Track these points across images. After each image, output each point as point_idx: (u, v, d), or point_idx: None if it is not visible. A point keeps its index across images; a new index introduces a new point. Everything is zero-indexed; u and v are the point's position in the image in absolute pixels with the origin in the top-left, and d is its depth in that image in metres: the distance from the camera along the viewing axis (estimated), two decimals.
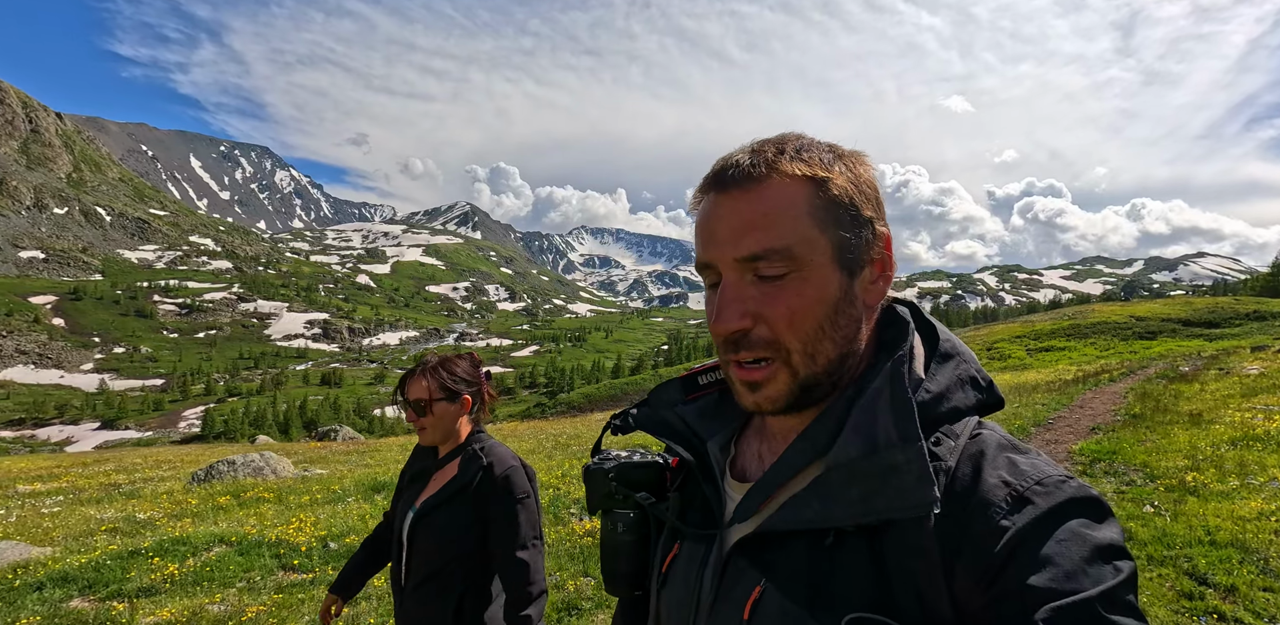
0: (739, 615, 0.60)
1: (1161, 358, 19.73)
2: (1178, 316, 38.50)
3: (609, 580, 0.79)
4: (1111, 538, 0.51)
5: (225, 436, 71.24)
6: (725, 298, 0.59)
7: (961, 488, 0.55)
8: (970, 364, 0.64)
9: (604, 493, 0.77)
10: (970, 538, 0.52)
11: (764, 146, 0.61)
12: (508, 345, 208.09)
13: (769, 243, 0.58)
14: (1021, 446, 0.59)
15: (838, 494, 0.56)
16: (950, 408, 0.60)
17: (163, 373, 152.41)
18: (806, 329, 0.59)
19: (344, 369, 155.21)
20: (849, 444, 0.57)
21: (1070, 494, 0.53)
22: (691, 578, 0.67)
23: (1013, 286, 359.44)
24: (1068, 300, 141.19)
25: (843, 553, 0.56)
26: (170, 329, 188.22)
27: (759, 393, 0.61)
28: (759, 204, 0.58)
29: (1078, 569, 0.48)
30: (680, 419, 0.74)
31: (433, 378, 1.73)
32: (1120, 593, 0.48)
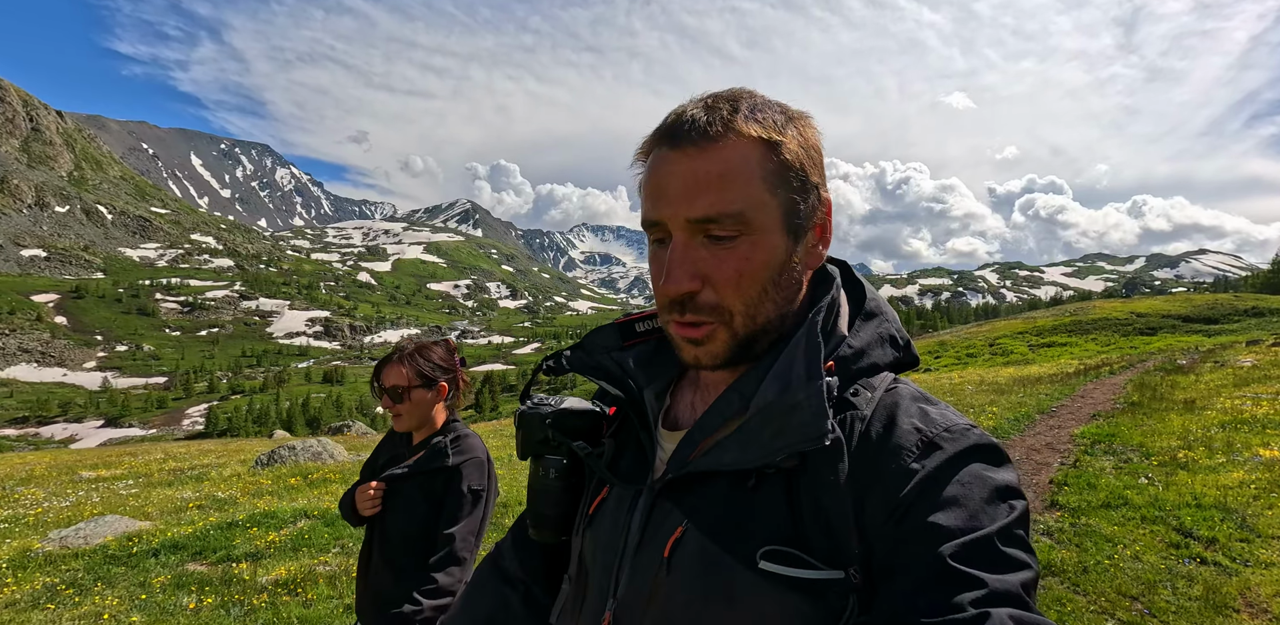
0: (660, 553, 0.62)
1: (1160, 352, 20.24)
2: (1178, 313, 38.82)
3: (536, 524, 0.79)
4: (1008, 480, 0.56)
5: (230, 433, 71.75)
6: (674, 258, 0.60)
7: (876, 434, 0.58)
8: (892, 323, 0.67)
9: (539, 438, 0.77)
10: (881, 478, 0.56)
11: (718, 102, 0.60)
12: (509, 343, 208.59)
13: (723, 206, 0.58)
14: (932, 399, 0.63)
15: (755, 436, 0.59)
16: (869, 363, 0.64)
17: (165, 371, 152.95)
18: (751, 292, 0.60)
19: (346, 367, 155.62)
20: (768, 388, 0.60)
21: (974, 441, 0.57)
22: (620, 521, 0.69)
23: (1014, 284, 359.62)
24: (1069, 297, 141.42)
25: (761, 493, 0.59)
26: (173, 327, 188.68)
27: (699, 348, 0.62)
28: (714, 164, 0.58)
29: (979, 508, 0.53)
30: (617, 364, 0.74)
31: (409, 364, 1.72)
32: (1014, 528, 0.53)
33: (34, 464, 14.29)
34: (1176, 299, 48.84)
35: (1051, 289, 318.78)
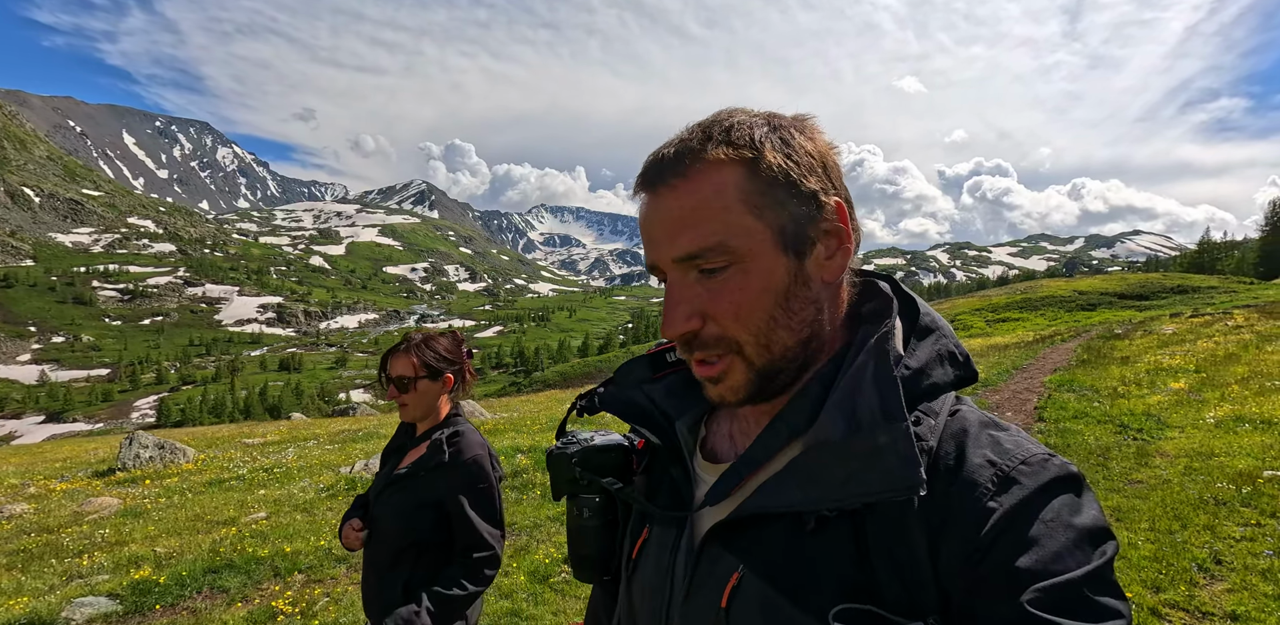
0: (716, 602, 0.58)
1: (1101, 324, 23.10)
2: (1114, 291, 42.65)
3: (576, 566, 0.78)
4: (1095, 518, 0.51)
5: (185, 424, 69.56)
6: (671, 301, 0.58)
7: (945, 468, 0.54)
8: (949, 339, 0.62)
9: (568, 478, 0.75)
10: (956, 519, 0.51)
11: (691, 134, 0.58)
12: (471, 326, 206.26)
13: (701, 240, 0.56)
14: (1001, 423, 0.58)
15: (818, 476, 0.54)
16: (930, 384, 0.58)
17: (108, 362, 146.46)
18: (755, 321, 0.57)
19: (303, 354, 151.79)
20: (830, 424, 0.55)
21: (1055, 473, 0.52)
22: (664, 563, 0.65)
23: (963, 263, 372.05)
24: (1014, 276, 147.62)
25: (824, 537, 0.54)
26: (112, 316, 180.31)
27: (719, 386, 0.60)
28: (686, 199, 0.56)
29: (1063, 550, 0.48)
30: (648, 398, 0.72)
31: (417, 355, 1.75)
32: (1104, 573, 0.48)
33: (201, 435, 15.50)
34: (1113, 278, 52.98)
35: (999, 268, 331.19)
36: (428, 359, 1.75)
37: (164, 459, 10.00)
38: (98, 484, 9.07)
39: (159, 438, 10.76)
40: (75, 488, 8.92)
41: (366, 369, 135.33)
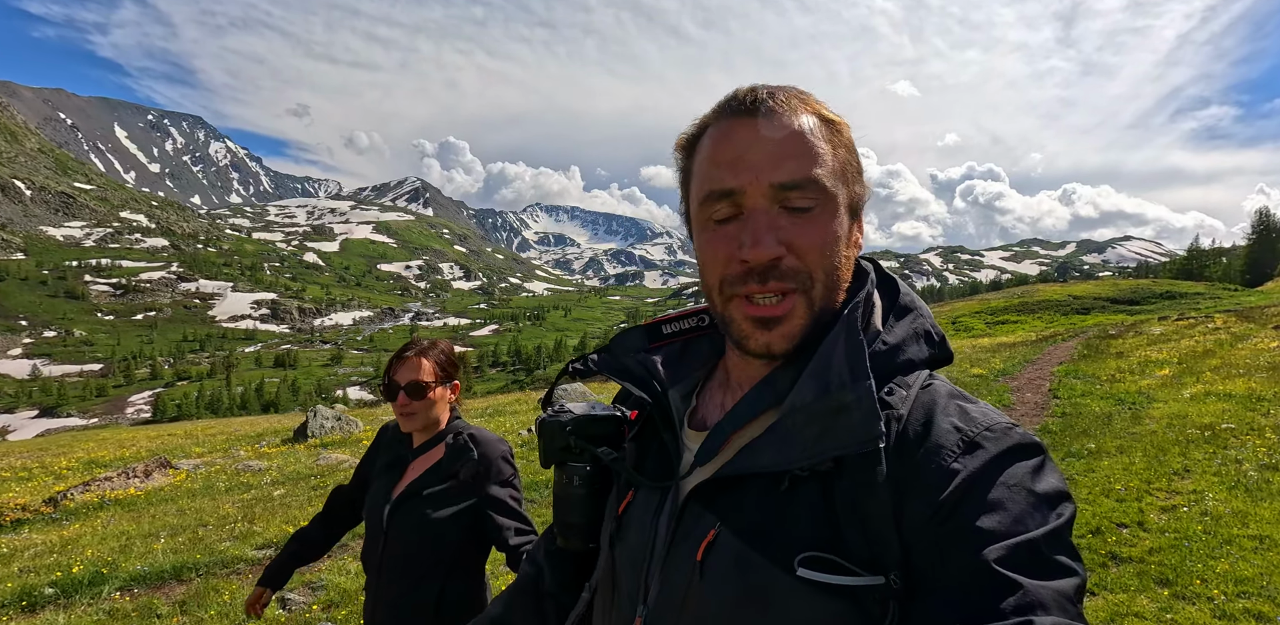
0: (692, 558, 0.61)
1: (1095, 326, 24.90)
2: (1107, 295, 44.49)
3: (563, 532, 0.79)
4: (1054, 483, 0.54)
5: (180, 420, 69.76)
6: (760, 224, 0.58)
7: (914, 433, 0.57)
8: (926, 319, 0.65)
9: (561, 446, 0.75)
10: (921, 480, 0.54)
11: (776, 88, 0.61)
12: (466, 324, 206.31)
13: (808, 171, 0.58)
14: (970, 397, 0.61)
15: (793, 437, 0.57)
16: (905, 359, 0.62)
17: (100, 357, 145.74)
18: (832, 262, 0.60)
19: (298, 350, 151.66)
20: (804, 388, 0.58)
21: (1017, 440, 0.55)
22: (647, 524, 0.68)
23: (956, 267, 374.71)
24: (1007, 280, 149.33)
25: (795, 495, 0.57)
26: (105, 311, 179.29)
27: (775, 330, 0.60)
28: (795, 132, 0.58)
29: (1024, 512, 0.51)
30: (642, 366, 0.74)
31: (431, 359, 1.67)
32: (1062, 532, 0.51)
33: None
34: (1105, 284, 55.19)
35: (991, 272, 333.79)
36: (441, 364, 1.68)
37: (341, 428, 12.18)
38: (301, 447, 10.96)
39: (336, 411, 13.14)
40: (284, 451, 10.91)
41: (362, 366, 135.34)
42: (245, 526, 5.53)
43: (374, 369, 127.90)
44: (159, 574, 4.38)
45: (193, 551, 4.83)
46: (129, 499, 7.57)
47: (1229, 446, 5.61)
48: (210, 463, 10.35)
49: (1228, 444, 5.67)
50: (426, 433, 1.70)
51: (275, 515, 5.95)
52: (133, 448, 14.64)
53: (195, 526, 5.73)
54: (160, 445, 14.86)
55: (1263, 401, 7.20)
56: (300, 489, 7.41)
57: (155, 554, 4.82)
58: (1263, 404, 7.10)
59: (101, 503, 7.34)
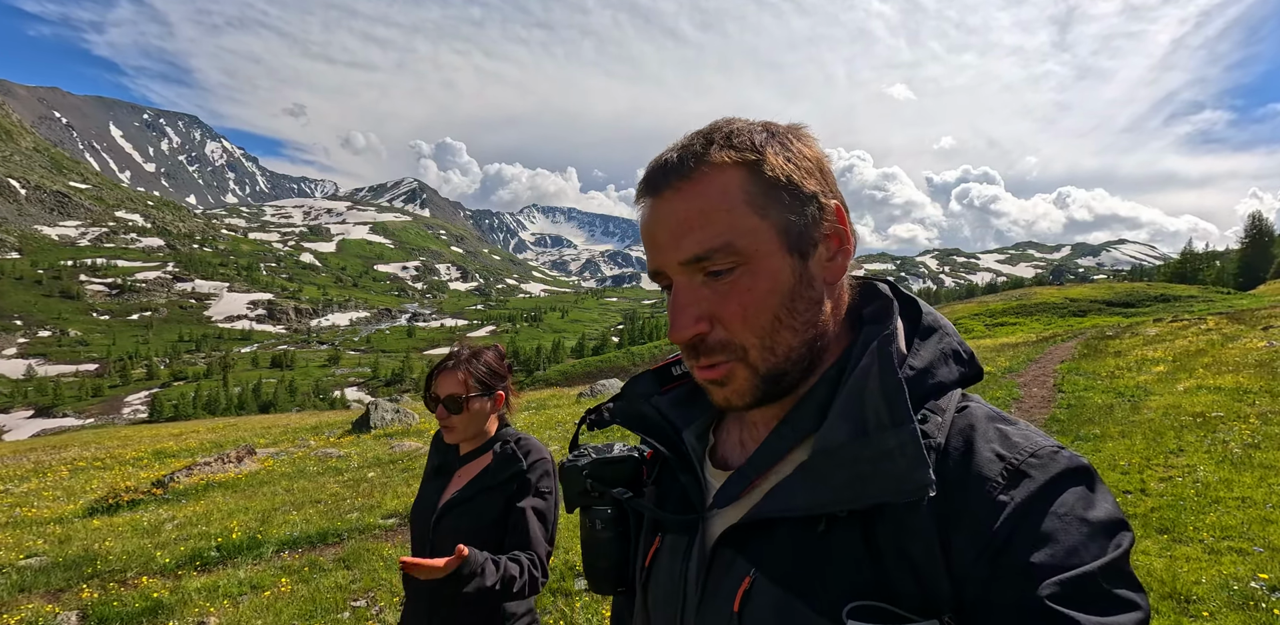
0: (729, 608, 0.58)
1: (1093, 328, 25.59)
2: (1103, 298, 45.52)
3: (592, 578, 0.78)
4: (1109, 511, 0.50)
5: (176, 420, 69.98)
6: (677, 303, 0.58)
7: (954, 464, 0.53)
8: (952, 337, 0.63)
9: (579, 490, 0.76)
10: (967, 514, 0.51)
11: (692, 140, 0.59)
12: (462, 326, 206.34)
13: (708, 241, 0.56)
14: (1009, 417, 0.58)
15: (827, 479, 0.54)
16: (935, 383, 0.59)
17: (96, 357, 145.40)
18: (762, 322, 0.57)
19: (295, 351, 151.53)
20: (836, 427, 0.55)
21: (1065, 465, 0.52)
22: (676, 571, 0.65)
23: (952, 269, 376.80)
24: (1003, 283, 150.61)
25: (834, 538, 0.54)
26: (100, 311, 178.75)
27: (725, 389, 0.60)
28: (692, 201, 0.56)
29: (1078, 543, 0.48)
30: (656, 410, 0.72)
31: (469, 371, 1.64)
32: (1120, 564, 0.48)
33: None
34: (1101, 287, 55.86)
35: (987, 275, 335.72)
36: (480, 375, 1.64)
37: (401, 420, 13.10)
38: (368, 437, 11.80)
39: (394, 405, 13.94)
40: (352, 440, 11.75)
41: (359, 367, 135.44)
42: (363, 500, 6.19)
43: (371, 370, 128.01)
44: (306, 539, 5.03)
45: (327, 521, 5.49)
46: (230, 481, 8.24)
47: (1218, 430, 6.34)
48: (288, 451, 11.05)
49: (1217, 428, 6.42)
50: (474, 442, 1.68)
51: (384, 492, 6.60)
52: (193, 440, 15.39)
53: (310, 503, 6.40)
54: (219, 437, 15.58)
55: (1249, 393, 7.95)
56: (391, 471, 8.09)
57: (295, 523, 5.49)
58: (1249, 396, 7.81)
59: (207, 485, 8.01)
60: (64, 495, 9.45)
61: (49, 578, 4.71)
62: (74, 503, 8.58)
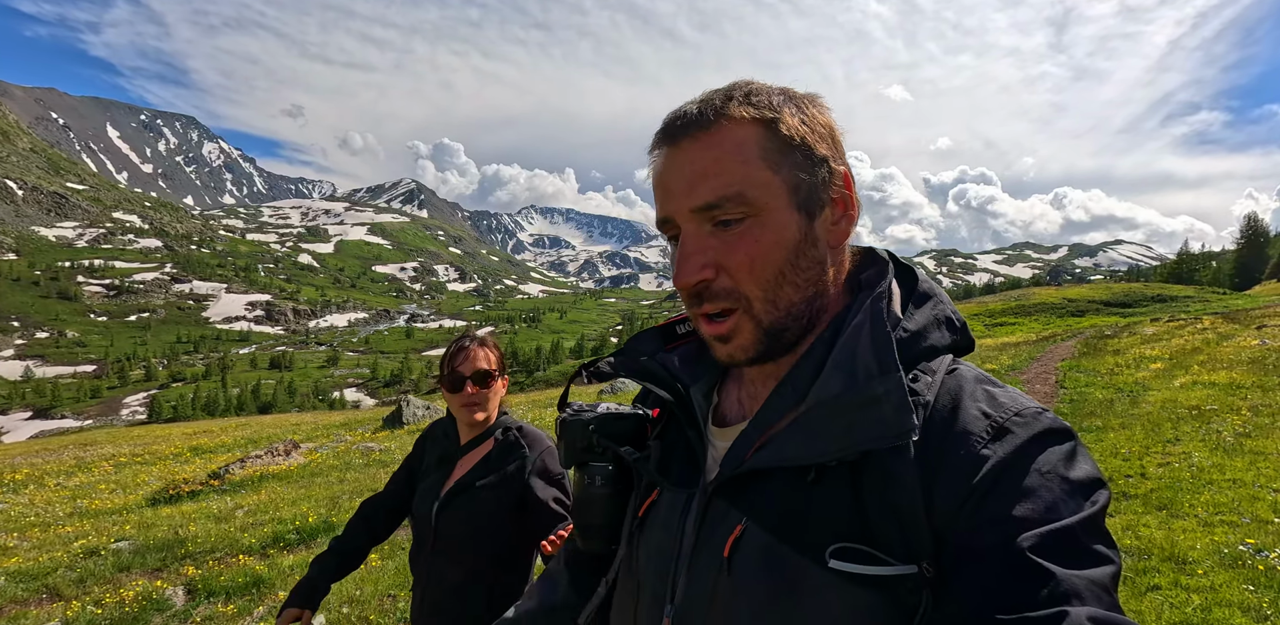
0: (719, 553, 0.60)
1: (1091, 327, 26.22)
2: (1100, 299, 46.12)
3: (584, 534, 0.77)
4: (1088, 469, 0.53)
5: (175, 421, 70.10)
6: (685, 250, 0.59)
7: (941, 419, 0.56)
8: (947, 305, 0.65)
9: (583, 446, 0.74)
10: (950, 466, 0.53)
11: (712, 95, 0.61)
12: (461, 326, 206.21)
13: (721, 189, 0.57)
14: (997, 382, 0.60)
15: (820, 430, 0.56)
16: (927, 346, 0.61)
17: (94, 358, 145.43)
18: (767, 275, 0.59)
19: (293, 352, 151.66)
20: (830, 380, 0.57)
21: (1047, 424, 0.54)
22: (673, 524, 0.67)
23: (950, 270, 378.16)
24: (1000, 284, 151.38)
25: (823, 487, 0.57)
26: (98, 312, 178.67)
27: (729, 344, 0.61)
28: (709, 151, 0.58)
29: (1058, 499, 0.50)
30: (661, 366, 0.73)
31: (490, 348, 1.66)
32: (1097, 520, 0.50)
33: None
34: (1099, 287, 56.60)
35: (985, 275, 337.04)
36: (499, 354, 1.68)
37: (431, 416, 13.65)
38: (403, 432, 12.32)
39: (424, 401, 14.61)
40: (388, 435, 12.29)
41: (358, 368, 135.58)
42: None
43: (370, 371, 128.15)
44: None
45: None
46: (283, 473, 8.61)
47: (1212, 421, 6.75)
48: (328, 445, 11.46)
49: (1211, 420, 6.85)
50: (475, 429, 1.68)
51: None
52: (225, 437, 15.82)
53: (368, 490, 6.77)
54: (250, 434, 16.06)
55: (1241, 388, 8.38)
56: None
57: None
58: (1241, 390, 8.26)
59: (261, 476, 8.38)
60: (118, 488, 9.87)
61: (144, 559, 5.12)
62: (133, 494, 9.04)
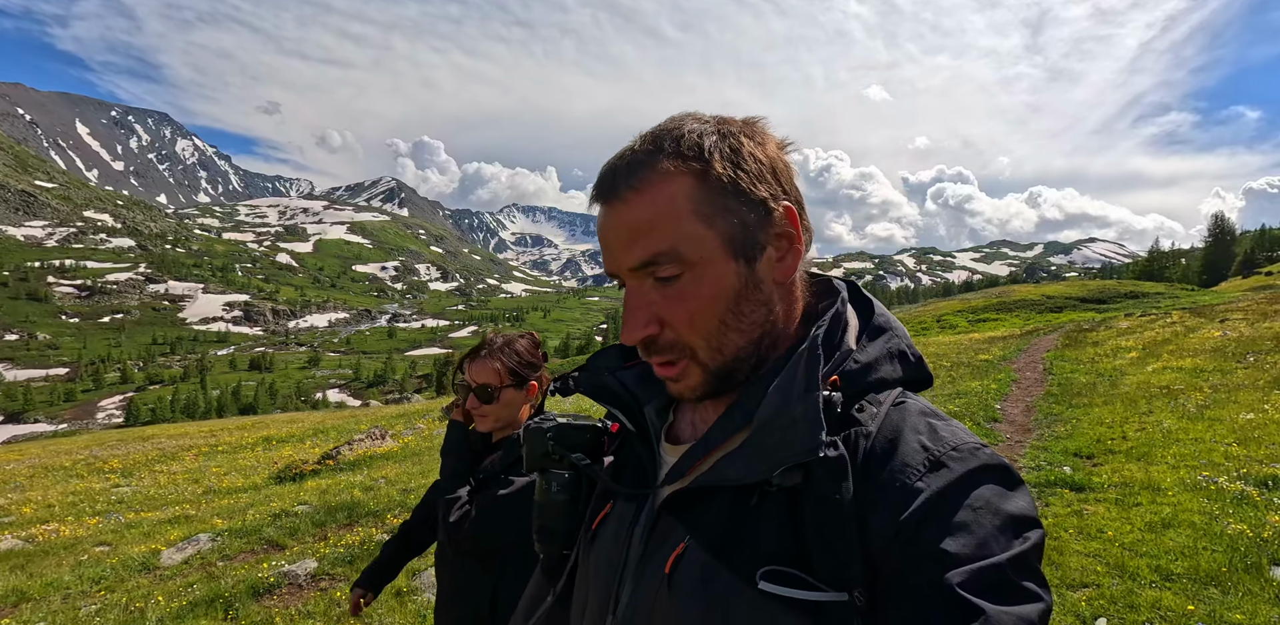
0: (661, 569, 0.62)
1: (1070, 323, 27.73)
2: (1077, 295, 48.09)
3: (541, 538, 0.80)
4: (1022, 507, 0.53)
5: (153, 423, 69.09)
6: (628, 307, 0.61)
7: (881, 449, 0.56)
8: (902, 339, 0.65)
9: (541, 452, 0.78)
10: (885, 497, 0.54)
11: (641, 144, 0.61)
12: (444, 326, 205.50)
13: (654, 247, 0.58)
14: (942, 416, 0.60)
15: (758, 451, 0.58)
16: (877, 378, 0.62)
17: (66, 361, 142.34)
18: (708, 327, 0.60)
19: (273, 353, 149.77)
20: (769, 402, 0.59)
21: (983, 460, 0.55)
22: (621, 535, 0.69)
23: (929, 268, 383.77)
24: (978, 281, 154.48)
25: (763, 510, 0.58)
26: (70, 313, 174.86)
27: (678, 385, 0.64)
28: (639, 210, 0.59)
29: (989, 536, 0.50)
30: (620, 383, 0.75)
31: (502, 360, 1.60)
32: (1029, 558, 0.51)
33: None
34: (1075, 284, 59.36)
35: (963, 273, 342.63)
36: (513, 365, 1.61)
37: None
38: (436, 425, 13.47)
39: None
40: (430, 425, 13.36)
41: (340, 368, 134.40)
42: None
43: (353, 371, 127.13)
44: None
45: None
46: (389, 453, 9.34)
47: (1179, 398, 7.88)
48: (406, 431, 12.26)
49: (1178, 396, 7.99)
50: (506, 431, 1.67)
51: None
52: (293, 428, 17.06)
53: None
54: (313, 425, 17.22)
55: (1204, 372, 9.60)
56: None
57: None
58: (1204, 374, 9.48)
59: (371, 456, 9.12)
60: (229, 472, 10.81)
61: (335, 516, 5.98)
62: (253, 476, 10.10)
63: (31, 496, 11.08)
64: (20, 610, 4.58)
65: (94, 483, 12.12)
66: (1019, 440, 6.63)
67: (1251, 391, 7.72)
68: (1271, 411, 6.61)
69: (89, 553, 6.32)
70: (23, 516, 9.27)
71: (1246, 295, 27.77)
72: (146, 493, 10.10)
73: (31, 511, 9.56)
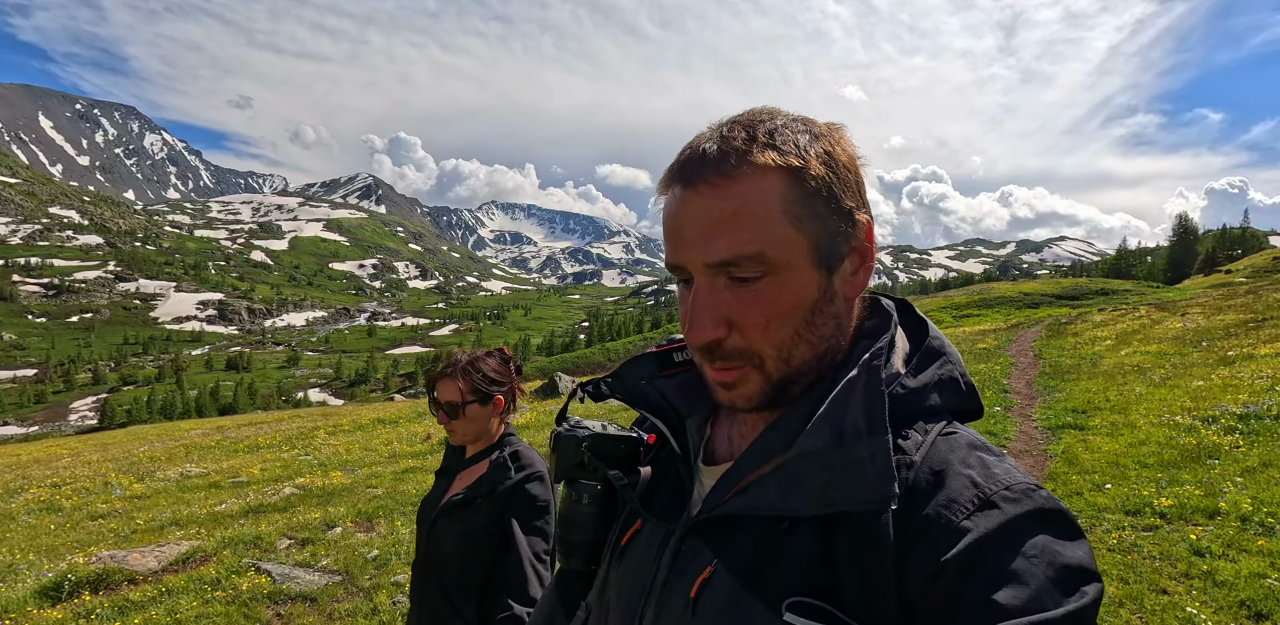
0: (687, 593, 0.60)
1: (1048, 317, 30.04)
2: (1052, 292, 51.59)
3: (565, 551, 0.76)
4: (1080, 558, 0.48)
5: (129, 425, 68.16)
6: (698, 306, 0.56)
7: (925, 482, 0.53)
8: (956, 366, 0.61)
9: (574, 462, 0.74)
10: (927, 535, 0.50)
11: (733, 131, 0.56)
12: (424, 324, 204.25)
13: (740, 248, 0.54)
14: (994, 449, 0.56)
15: (799, 482, 0.54)
16: (926, 406, 0.58)
17: (34, 362, 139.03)
18: (782, 335, 0.56)
19: (250, 352, 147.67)
20: (816, 433, 0.55)
21: (1040, 503, 0.50)
22: (650, 556, 0.66)
23: (906, 266, 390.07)
24: (954, 278, 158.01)
25: (795, 539, 0.55)
26: (36, 313, 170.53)
27: (732, 392, 0.59)
28: (728, 203, 0.54)
29: (1044, 589, 0.46)
30: (658, 393, 0.71)
31: (464, 379, 1.67)
32: (1085, 616, 0.46)
33: None
34: (1049, 282, 62.73)
35: (939, 271, 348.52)
36: (476, 382, 1.66)
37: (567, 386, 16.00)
38: (552, 401, 14.48)
39: (569, 377, 16.85)
40: (546, 403, 14.24)
41: (320, 368, 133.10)
42: None
43: (334, 370, 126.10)
44: None
45: None
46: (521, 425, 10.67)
47: (1147, 373, 9.98)
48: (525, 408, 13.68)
49: (1147, 372, 10.11)
50: (479, 444, 1.72)
51: None
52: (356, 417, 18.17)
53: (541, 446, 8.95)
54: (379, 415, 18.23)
55: (1167, 355, 11.76)
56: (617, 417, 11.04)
57: None
58: (1167, 356, 11.68)
59: None
60: (360, 452, 11.40)
61: None
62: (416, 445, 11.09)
63: (236, 464, 11.44)
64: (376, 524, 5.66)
65: (269, 455, 12.41)
66: (1028, 403, 8.65)
67: (1203, 368, 9.84)
68: (1216, 380, 8.62)
69: (368, 494, 7.07)
70: (255, 476, 9.69)
71: (1206, 292, 30.26)
72: (341, 457, 10.66)
73: (260, 472, 9.98)
